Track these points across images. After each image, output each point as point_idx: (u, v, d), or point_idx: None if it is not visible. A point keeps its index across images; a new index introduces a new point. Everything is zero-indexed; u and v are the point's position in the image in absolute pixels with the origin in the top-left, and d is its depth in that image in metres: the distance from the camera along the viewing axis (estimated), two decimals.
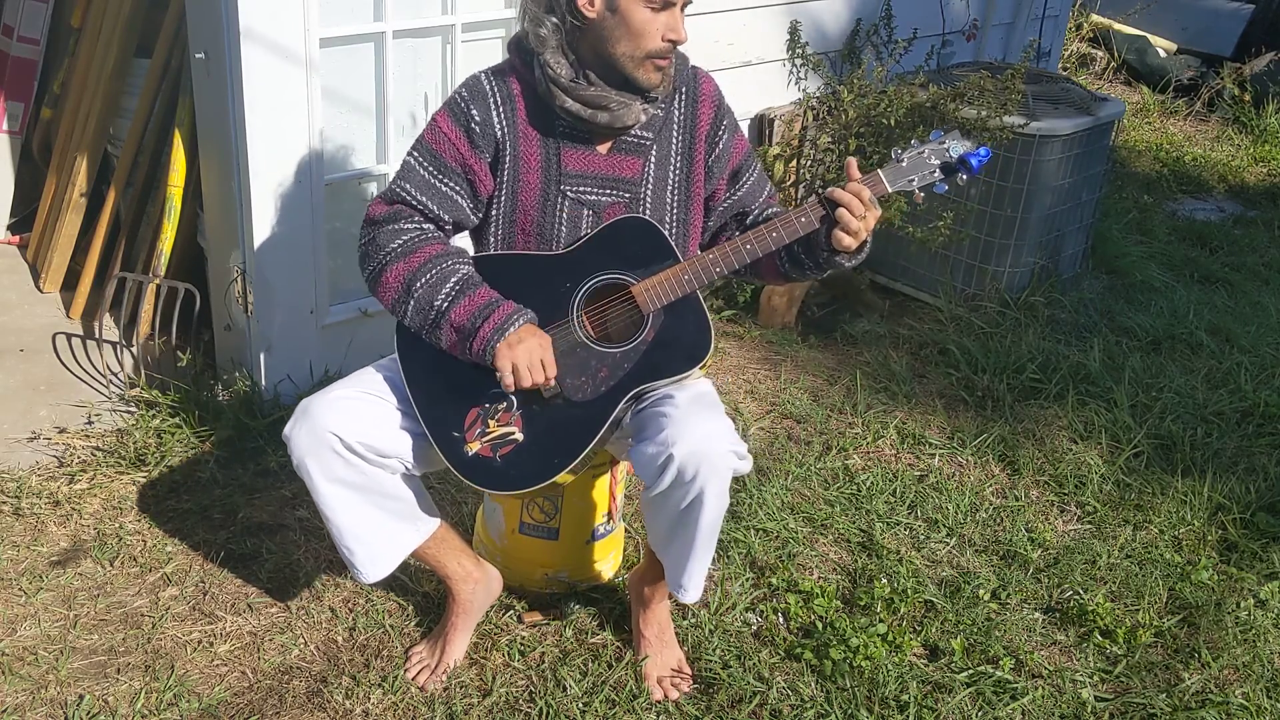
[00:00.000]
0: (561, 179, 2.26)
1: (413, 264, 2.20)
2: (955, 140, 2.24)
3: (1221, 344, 4.07)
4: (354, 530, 2.28)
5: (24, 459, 3.06)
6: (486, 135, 2.24)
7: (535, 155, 2.26)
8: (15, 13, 3.99)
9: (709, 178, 2.37)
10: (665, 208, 2.33)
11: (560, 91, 2.19)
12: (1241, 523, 3.17)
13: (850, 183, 2.19)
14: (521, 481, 2.22)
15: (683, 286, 2.21)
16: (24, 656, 2.46)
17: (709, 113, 2.35)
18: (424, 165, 2.26)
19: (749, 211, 2.43)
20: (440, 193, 2.26)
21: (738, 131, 2.41)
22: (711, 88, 2.38)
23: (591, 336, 2.24)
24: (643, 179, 2.31)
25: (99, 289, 3.66)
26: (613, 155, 2.29)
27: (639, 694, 2.44)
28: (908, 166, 2.24)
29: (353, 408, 2.21)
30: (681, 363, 2.22)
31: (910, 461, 3.37)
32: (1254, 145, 6.42)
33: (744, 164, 2.42)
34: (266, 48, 2.88)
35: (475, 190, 2.28)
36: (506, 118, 2.25)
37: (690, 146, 2.34)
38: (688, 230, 2.37)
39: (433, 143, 2.26)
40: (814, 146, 4.18)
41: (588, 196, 2.28)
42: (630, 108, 2.22)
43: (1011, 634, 2.71)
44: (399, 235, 2.22)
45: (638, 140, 2.29)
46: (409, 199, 2.25)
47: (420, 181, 2.25)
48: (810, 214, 2.21)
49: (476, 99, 2.25)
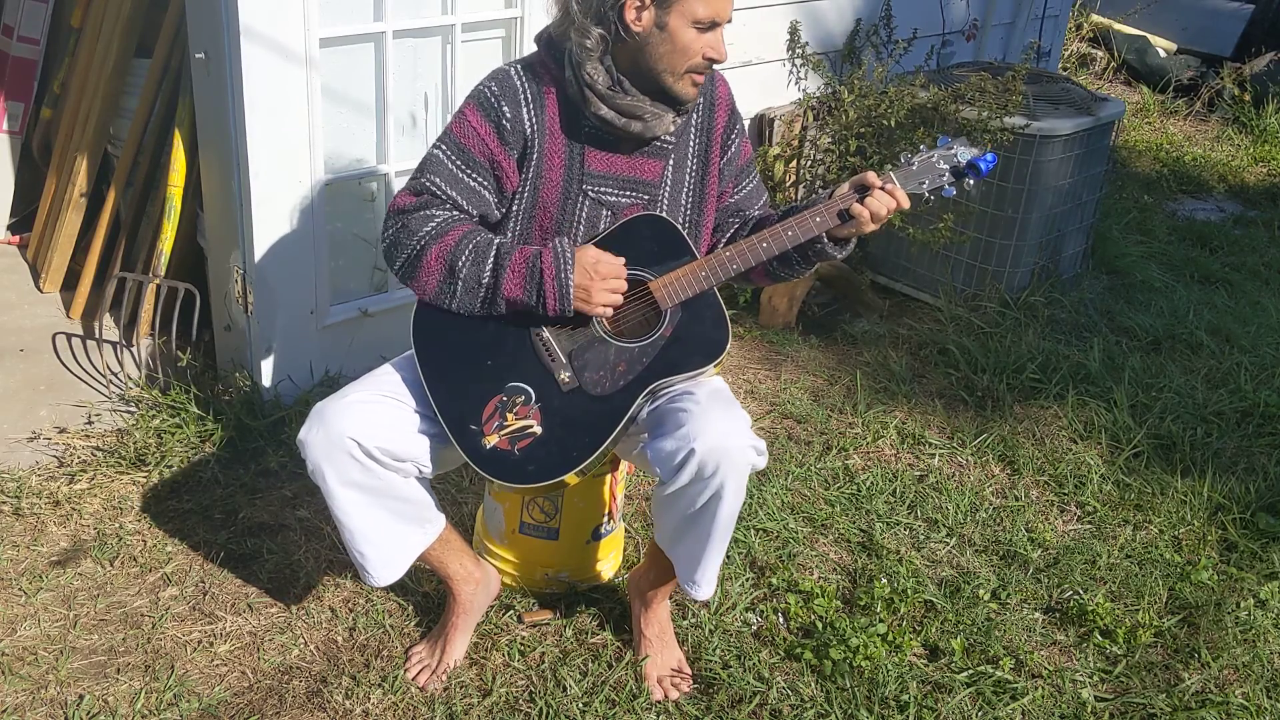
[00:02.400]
0: (584, 179, 2.26)
1: (448, 243, 2.18)
2: (963, 146, 2.29)
3: (1221, 344, 4.07)
4: (367, 534, 2.28)
5: (24, 459, 3.06)
6: (516, 132, 2.23)
7: (560, 154, 2.26)
8: (15, 13, 3.99)
9: (720, 178, 2.40)
10: (680, 209, 2.35)
11: (596, 99, 2.19)
12: (1241, 523, 3.17)
13: (874, 191, 2.22)
14: (539, 475, 2.22)
15: (700, 283, 2.22)
16: (24, 656, 2.46)
17: (724, 117, 2.38)
18: (451, 159, 2.24)
19: (744, 213, 2.46)
20: (467, 187, 2.24)
21: (745, 135, 2.44)
22: (726, 91, 2.40)
23: (609, 332, 2.25)
24: (661, 182, 2.32)
25: (99, 289, 3.66)
26: (635, 158, 2.29)
27: (639, 694, 2.44)
28: (918, 170, 2.28)
29: (370, 412, 2.20)
30: (699, 358, 2.23)
31: (910, 461, 3.37)
32: (1254, 145, 6.42)
33: (748, 167, 2.46)
34: (266, 48, 2.88)
35: (501, 185, 2.27)
36: (536, 115, 2.24)
37: (706, 149, 2.36)
38: (698, 231, 2.38)
39: (461, 137, 2.24)
40: (814, 147, 4.18)
41: (608, 197, 2.29)
42: (663, 119, 2.23)
43: (1011, 634, 2.71)
44: (430, 220, 2.20)
45: (660, 144, 2.31)
46: (437, 191, 2.23)
47: (447, 175, 2.23)
48: (826, 215, 2.24)
49: (507, 95, 2.23)
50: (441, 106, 3.36)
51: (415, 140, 3.35)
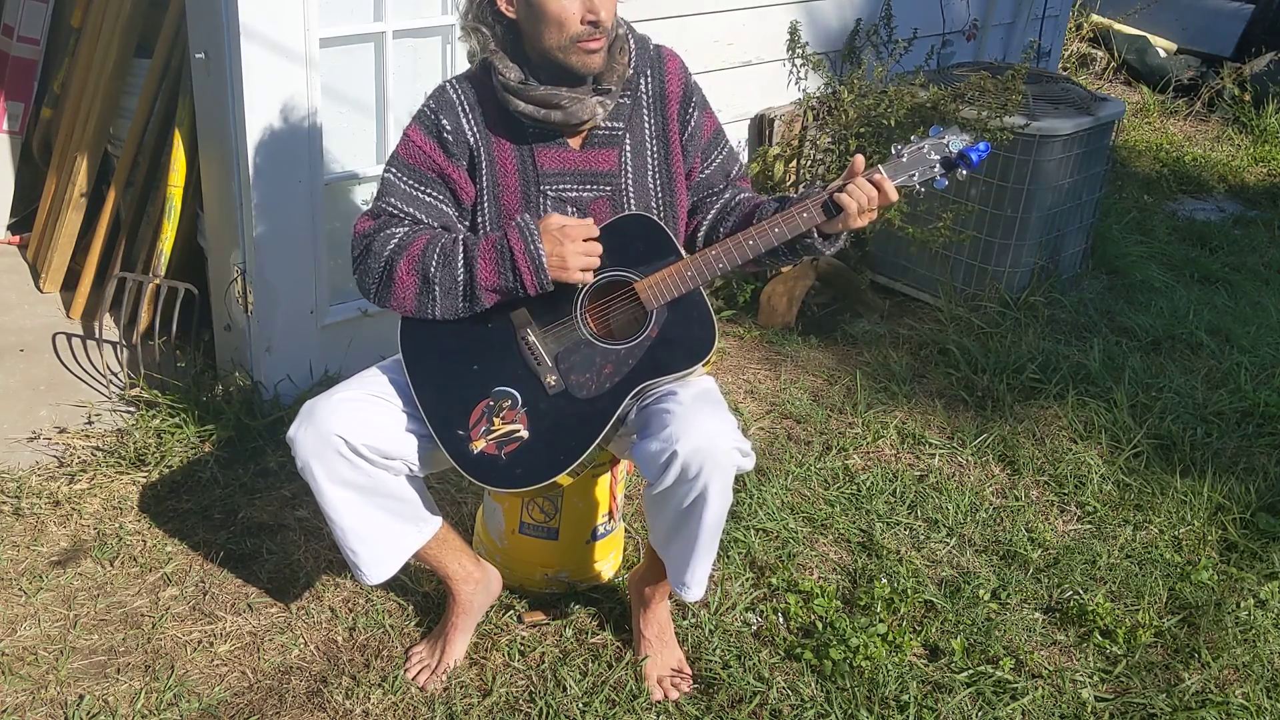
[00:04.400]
0: (540, 179, 2.26)
1: (414, 253, 2.18)
2: (955, 135, 2.26)
3: (1221, 344, 4.07)
4: (358, 532, 2.28)
5: (24, 459, 3.06)
6: (459, 142, 2.24)
7: (510, 158, 2.26)
8: (15, 13, 3.99)
9: (685, 155, 2.37)
10: (649, 193, 2.33)
11: (510, 95, 2.20)
12: (1241, 523, 3.17)
13: (856, 178, 2.20)
14: (527, 479, 2.21)
15: (686, 283, 2.21)
16: (24, 656, 2.46)
17: (677, 90, 2.34)
18: (402, 179, 2.25)
19: (720, 186, 2.43)
20: (424, 203, 2.25)
21: (707, 107, 2.41)
22: (677, 65, 2.36)
23: (595, 334, 2.25)
24: (620, 170, 2.30)
25: (99, 289, 3.66)
26: (586, 150, 2.28)
27: (639, 694, 2.44)
28: (908, 162, 2.26)
29: (358, 410, 2.21)
30: (685, 359, 2.23)
31: (910, 461, 3.37)
32: (1254, 145, 6.42)
33: (714, 139, 2.42)
34: (266, 47, 2.88)
35: (457, 198, 2.28)
36: (476, 123, 2.25)
37: (664, 127, 2.34)
38: (675, 212, 2.36)
39: (407, 156, 2.26)
40: (814, 146, 4.18)
41: (569, 193, 2.28)
42: (583, 103, 2.21)
43: (1011, 634, 2.71)
44: (392, 238, 2.21)
45: (609, 132, 2.29)
46: (394, 211, 2.24)
47: (402, 194, 2.25)
48: (812, 210, 2.22)
49: (445, 108, 2.25)
50: None
51: None
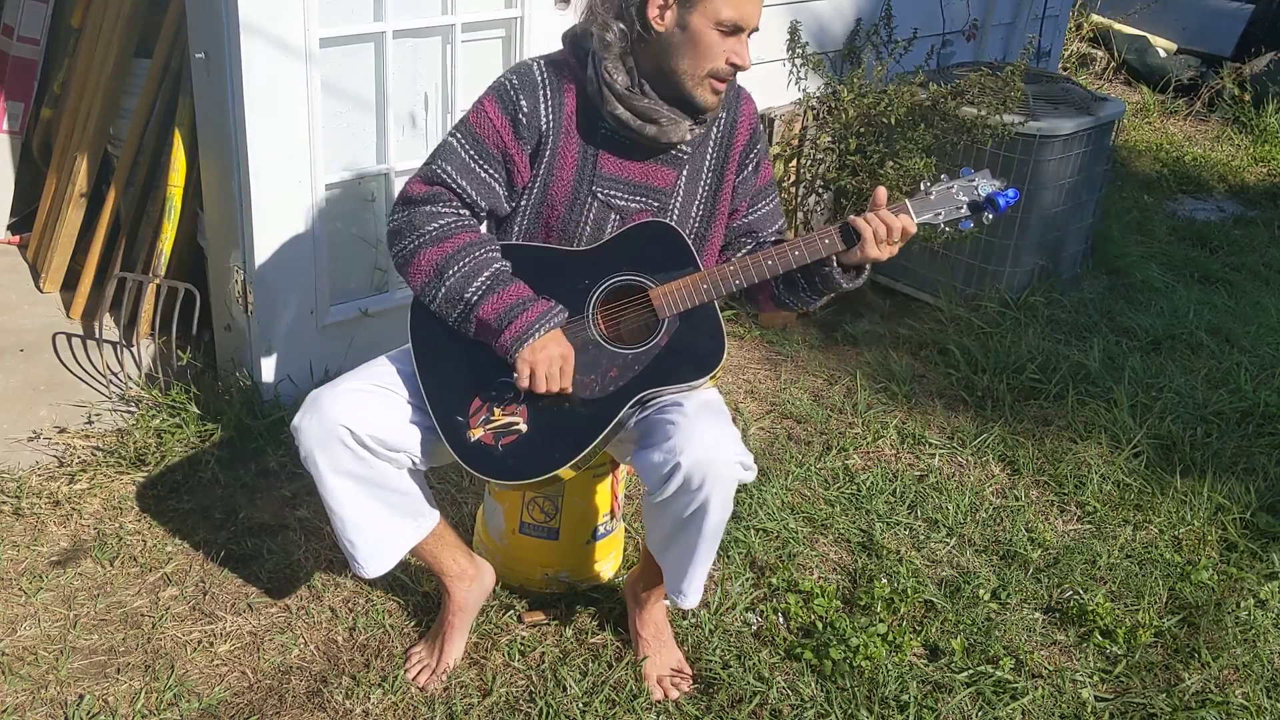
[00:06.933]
0: (595, 180, 2.26)
1: (446, 250, 2.18)
2: (985, 179, 2.28)
3: (1221, 344, 4.06)
4: (357, 523, 2.28)
5: (24, 459, 3.06)
6: (531, 126, 2.23)
7: (573, 153, 2.25)
8: (15, 13, 3.98)
9: (734, 195, 2.39)
10: (689, 220, 2.35)
11: (614, 98, 2.19)
12: (1241, 523, 3.17)
13: (879, 210, 2.21)
14: (519, 472, 2.21)
15: (700, 295, 2.21)
16: (24, 656, 2.46)
17: (745, 133, 2.37)
18: (465, 148, 2.24)
19: (758, 234, 2.45)
20: (478, 178, 2.24)
21: (767, 157, 2.43)
22: (751, 109, 2.39)
23: (604, 335, 2.25)
24: (674, 190, 2.31)
25: (99, 289, 3.66)
26: (650, 164, 2.29)
27: (639, 694, 2.44)
28: (935, 200, 2.27)
29: (363, 400, 2.21)
30: (692, 371, 2.22)
31: (910, 461, 3.37)
32: (1254, 145, 6.42)
33: (766, 189, 2.44)
34: (267, 47, 2.88)
35: (511, 179, 2.27)
36: (553, 112, 2.23)
37: (723, 164, 2.35)
38: (704, 245, 2.38)
39: (476, 126, 2.24)
40: (814, 146, 4.18)
41: (617, 201, 2.28)
42: (679, 125, 2.22)
43: (1011, 634, 2.71)
44: (435, 218, 2.21)
45: (677, 153, 2.30)
46: (449, 181, 2.23)
47: (460, 164, 2.23)
48: (834, 237, 2.23)
49: (526, 88, 2.23)
50: (441, 106, 3.35)
51: (415, 140, 3.35)
